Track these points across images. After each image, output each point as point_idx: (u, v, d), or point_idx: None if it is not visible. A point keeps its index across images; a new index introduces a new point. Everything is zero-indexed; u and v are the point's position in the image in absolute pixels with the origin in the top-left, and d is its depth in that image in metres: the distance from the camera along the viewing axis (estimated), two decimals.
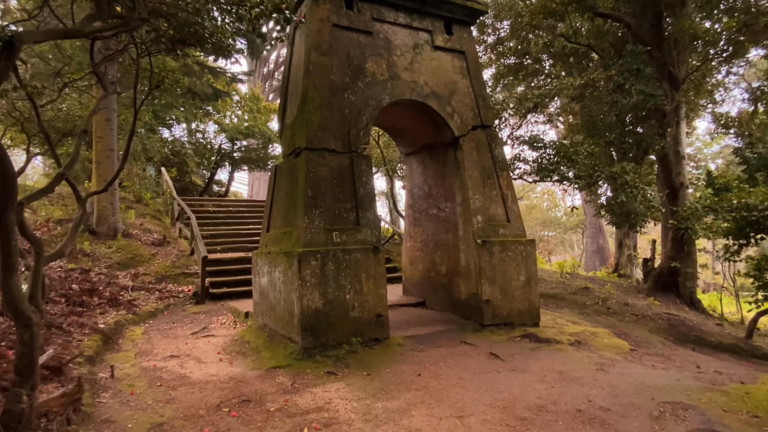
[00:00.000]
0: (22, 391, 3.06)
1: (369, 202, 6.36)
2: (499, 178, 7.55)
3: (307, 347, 5.54)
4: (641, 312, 10.54)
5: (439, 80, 7.42)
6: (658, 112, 12.22)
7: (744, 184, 11.52)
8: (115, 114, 10.61)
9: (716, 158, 32.35)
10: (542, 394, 4.55)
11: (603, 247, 31.42)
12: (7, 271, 3.14)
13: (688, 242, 12.86)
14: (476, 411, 4.17)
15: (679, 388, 4.81)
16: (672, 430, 3.80)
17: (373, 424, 3.92)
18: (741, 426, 3.91)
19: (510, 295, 7.13)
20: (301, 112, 6.39)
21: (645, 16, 12.52)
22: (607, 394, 4.53)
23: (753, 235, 10.06)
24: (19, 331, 3.10)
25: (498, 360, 5.73)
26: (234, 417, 3.99)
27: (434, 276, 8.08)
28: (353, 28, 6.80)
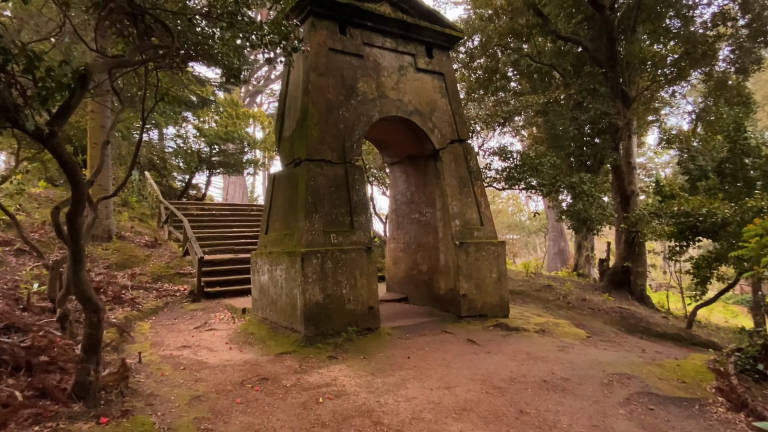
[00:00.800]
0: (90, 366, 3.61)
1: (362, 208, 7.06)
2: (474, 187, 8.39)
3: (310, 336, 6.17)
4: (597, 306, 11.62)
5: (422, 99, 8.21)
6: (612, 127, 13.43)
7: (686, 193, 12.83)
8: (110, 120, 10.88)
9: (666, 167, 34.63)
10: (514, 370, 5.35)
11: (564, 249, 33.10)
12: (77, 266, 3.68)
13: (638, 244, 14.13)
14: (460, 383, 4.92)
15: (625, 363, 5.71)
16: (618, 393, 4.66)
17: (375, 394, 4.61)
18: (671, 389, 4.81)
19: (484, 290, 7.96)
20: (301, 127, 7.04)
21: (601, 40, 13.75)
22: (567, 369, 5.38)
23: (691, 237, 11.32)
24: (88, 315, 3.64)
25: (475, 345, 6.52)
26: (257, 391, 4.60)
27: (416, 274, 8.84)
28: (346, 51, 7.50)
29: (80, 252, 3.71)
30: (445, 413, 4.14)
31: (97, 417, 3.35)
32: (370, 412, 4.16)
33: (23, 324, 4.74)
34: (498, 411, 4.19)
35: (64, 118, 3.54)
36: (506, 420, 4.00)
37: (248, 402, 4.29)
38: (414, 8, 8.29)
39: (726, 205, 9.83)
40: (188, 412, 3.92)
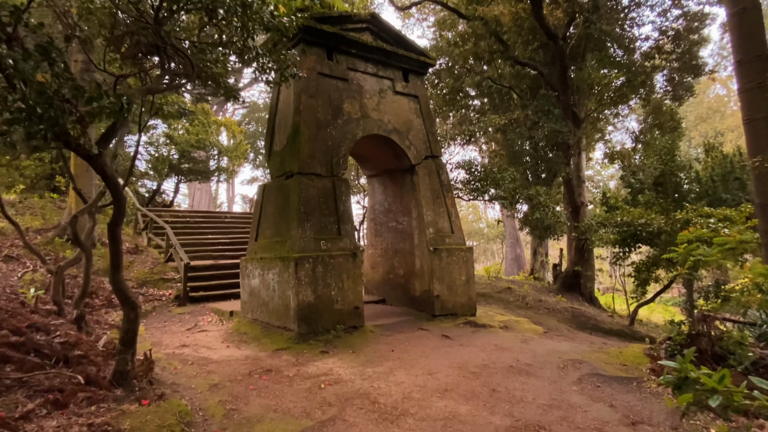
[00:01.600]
0: (127, 357, 4.06)
1: (348, 217, 7.68)
2: (445, 198, 9.19)
3: (302, 333, 6.71)
4: (551, 306, 12.69)
5: (399, 119, 8.95)
6: (564, 145, 14.69)
7: (628, 205, 14.20)
8: (93, 130, 10.97)
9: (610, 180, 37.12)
10: (484, 358, 6.11)
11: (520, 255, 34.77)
12: (116, 269, 4.12)
13: (587, 251, 15.42)
14: (440, 370, 5.62)
15: (577, 352, 6.59)
16: (571, 374, 5.49)
17: (369, 381, 5.23)
18: (614, 370, 5.69)
19: (454, 291, 8.74)
20: (293, 143, 7.60)
21: (554, 66, 15.02)
22: (529, 356, 6.19)
23: (632, 244, 12.61)
24: (126, 312, 4.09)
25: (449, 339, 7.26)
26: (265, 380, 5.12)
27: (393, 277, 9.52)
28: (333, 75, 8.14)
29: (119, 256, 4.16)
30: (430, 393, 4.82)
31: (138, 400, 3.81)
32: (367, 394, 4.78)
33: (42, 324, 5.06)
34: (474, 390, 4.91)
35: (109, 139, 4.00)
36: (482, 397, 4.73)
37: (260, 388, 4.82)
38: (392, 37, 9.05)
39: (660, 217, 11.09)
40: (211, 396, 4.41)
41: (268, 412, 4.14)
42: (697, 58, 14.25)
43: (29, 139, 3.56)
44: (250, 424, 3.83)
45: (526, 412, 4.30)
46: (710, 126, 37.99)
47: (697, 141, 34.43)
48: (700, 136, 35.44)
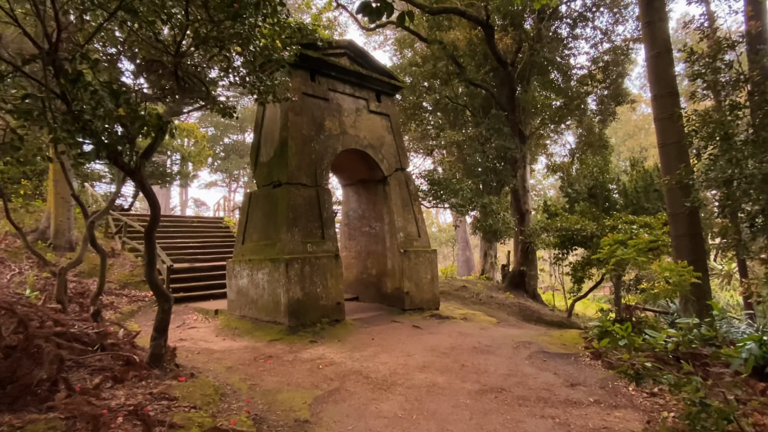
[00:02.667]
0: (161, 342, 4.64)
1: (330, 222, 8.43)
2: (413, 206, 10.14)
3: (292, 326, 7.39)
4: (501, 302, 13.97)
5: (374, 135, 9.82)
6: (511, 159, 16.14)
7: (566, 212, 15.84)
8: None
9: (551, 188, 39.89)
10: (451, 342, 7.07)
11: (470, 258, 36.58)
12: (151, 266, 4.68)
13: (531, 252, 16.95)
14: (416, 352, 6.51)
15: (526, 335, 7.70)
16: (523, 352, 6.55)
17: (358, 362, 6.02)
18: (557, 349, 6.81)
19: (421, 288, 9.69)
20: (281, 156, 8.26)
21: (503, 88, 16.47)
22: (488, 340, 7.22)
23: (570, 247, 14.16)
24: (161, 303, 4.65)
25: (419, 329, 8.17)
26: (270, 363, 5.79)
27: (366, 277, 10.33)
28: (316, 95, 8.89)
29: (154, 256, 4.72)
30: (411, 369, 5.68)
31: (175, 377, 4.41)
32: (359, 371, 5.58)
33: (63, 320, 5.47)
34: (447, 366, 5.83)
35: (149, 156, 4.58)
36: (454, 370, 5.65)
37: (269, 369, 5.49)
38: (367, 62, 9.92)
39: (592, 223, 12.62)
40: (231, 375, 5.05)
41: (282, 386, 4.85)
42: (622, 88, 16.19)
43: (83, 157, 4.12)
44: (272, 394, 4.53)
45: (490, 380, 5.27)
46: (636, 142, 41.72)
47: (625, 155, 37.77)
48: (628, 151, 38.89)
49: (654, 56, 9.84)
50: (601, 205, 15.33)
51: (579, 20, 16.17)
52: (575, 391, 4.90)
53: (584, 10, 15.95)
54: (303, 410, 4.16)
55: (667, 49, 9.97)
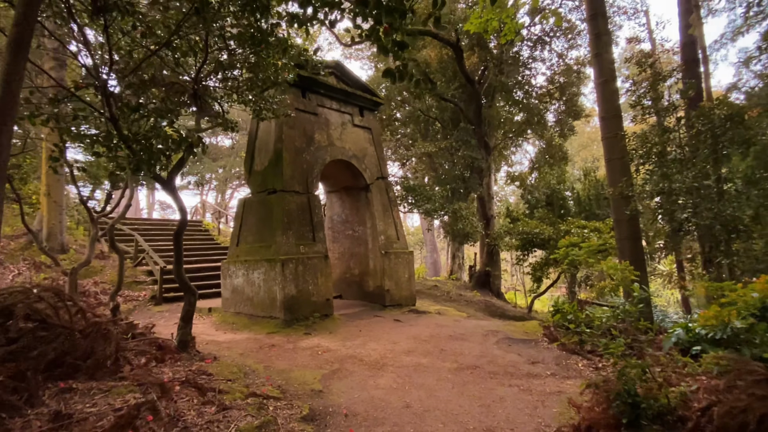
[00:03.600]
0: (187, 330, 5.24)
1: (320, 226, 9.13)
2: (393, 211, 10.97)
3: (287, 320, 8.04)
4: (469, 299, 14.99)
5: (357, 146, 10.59)
6: (478, 168, 17.27)
7: (527, 218, 17.10)
8: None
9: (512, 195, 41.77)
10: (430, 332, 7.92)
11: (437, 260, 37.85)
12: (179, 264, 5.28)
13: (496, 254, 18.13)
14: (400, 340, 7.31)
15: (493, 326, 8.66)
16: (491, 339, 7.47)
17: (351, 349, 6.76)
18: (520, 335, 7.77)
19: (400, 286, 10.51)
20: (275, 165, 8.90)
21: (471, 103, 17.60)
22: (461, 330, 8.11)
23: (530, 249, 15.36)
24: (187, 297, 5.25)
25: (400, 322, 8.98)
26: (274, 351, 6.44)
27: (349, 276, 11.06)
28: (307, 110, 9.58)
29: (180, 255, 5.31)
30: (399, 353, 6.48)
31: (201, 360, 5.02)
32: (354, 356, 6.32)
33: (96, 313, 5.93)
34: (428, 350, 6.66)
35: (180, 169, 5.19)
36: (435, 353, 6.49)
37: (275, 355, 6.15)
38: (351, 81, 10.69)
39: (550, 227, 13.84)
40: (245, 359, 5.68)
41: (292, 367, 5.54)
42: (577, 105, 17.67)
43: (120, 170, 4.71)
44: (285, 373, 5.22)
45: (465, 360, 6.14)
46: (589, 153, 44.27)
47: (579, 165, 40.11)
48: (582, 161, 41.28)
49: (601, 83, 11.10)
50: (557, 211, 16.68)
51: (538, 43, 17.53)
52: (535, 367, 5.84)
53: (542, 35, 17.31)
54: (315, 384, 4.88)
55: (613, 77, 11.25)
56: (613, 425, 3.58)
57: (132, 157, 4.51)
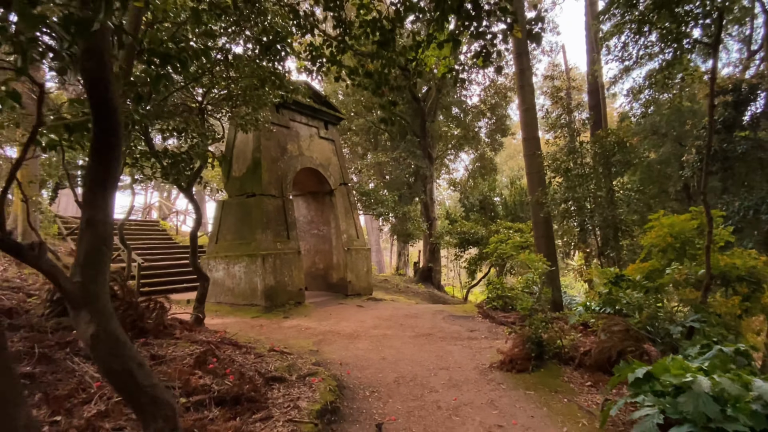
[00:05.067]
0: (200, 311, 6.22)
1: (293, 226, 10.21)
2: (353, 213, 12.26)
3: (268, 306, 9.07)
4: (415, 291, 16.63)
5: (323, 156, 11.77)
6: (422, 176, 19.02)
7: (464, 219, 19.10)
8: None
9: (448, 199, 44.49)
10: (389, 313, 9.32)
11: (381, 260, 39.39)
12: (194, 254, 6.23)
13: (437, 252, 19.98)
14: (366, 320, 8.63)
15: (439, 308, 10.24)
16: (439, 317, 9.01)
17: (327, 326, 7.98)
18: (460, 314, 9.39)
19: (360, 278, 11.83)
20: (254, 172, 9.86)
21: (417, 118, 19.32)
22: (414, 311, 9.60)
23: (466, 246, 17.31)
24: (201, 282, 6.20)
25: (362, 307, 10.30)
26: (264, 329, 7.50)
27: (314, 270, 12.18)
28: (280, 124, 10.62)
29: (196, 249, 6.26)
30: (367, 328, 7.80)
31: (215, 332, 6.04)
32: (331, 331, 7.56)
33: None
34: (390, 325, 8.06)
35: (196, 178, 6.16)
36: (396, 327, 7.89)
37: (267, 332, 7.22)
38: (318, 98, 11.85)
39: (483, 228, 15.82)
40: (244, 335, 6.68)
41: (287, 338, 6.68)
42: (505, 124, 20.04)
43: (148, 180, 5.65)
44: (284, 341, 6.35)
45: (421, 330, 7.60)
46: (516, 162, 48.21)
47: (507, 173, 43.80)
48: (509, 170, 45.04)
49: (524, 110, 13.17)
50: (488, 214, 18.84)
51: (473, 67, 19.66)
52: (473, 334, 7.44)
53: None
54: (311, 347, 6.08)
55: (533, 105, 13.37)
56: (526, 358, 5.18)
57: (162, 168, 5.47)
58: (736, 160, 10.42)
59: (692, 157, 10.59)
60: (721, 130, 10.46)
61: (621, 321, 5.87)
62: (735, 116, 10.49)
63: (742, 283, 6.36)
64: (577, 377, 5.02)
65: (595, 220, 10.08)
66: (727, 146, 10.09)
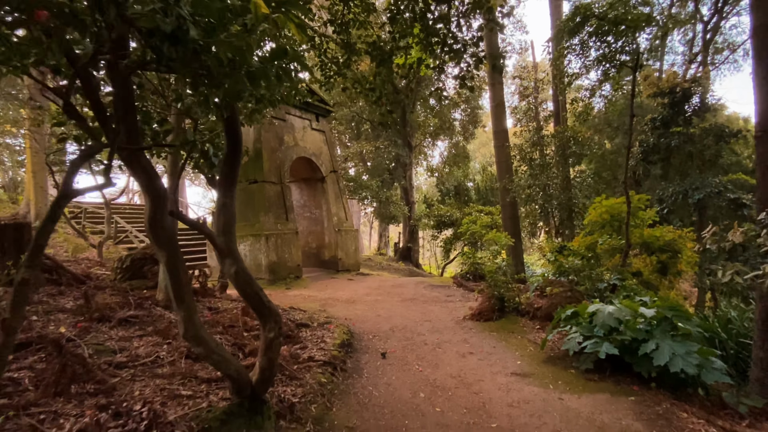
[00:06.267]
0: (225, 281, 7.24)
1: (291, 209, 11.20)
2: (343, 198, 13.30)
3: (271, 279, 10.11)
4: (396, 268, 17.91)
5: (315, 146, 12.71)
6: (402, 163, 20.13)
7: (440, 203, 20.40)
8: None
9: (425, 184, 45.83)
10: (378, 284, 10.52)
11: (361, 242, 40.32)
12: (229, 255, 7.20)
13: (416, 233, 21.27)
14: (359, 290, 9.81)
15: (420, 280, 11.51)
16: (420, 286, 10.28)
17: (327, 295, 9.10)
18: (439, 283, 10.69)
19: (349, 256, 12.96)
20: (255, 162, 10.75)
21: (398, 110, 20.30)
22: (399, 282, 10.84)
23: (442, 228, 18.64)
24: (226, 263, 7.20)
25: (353, 280, 11.47)
26: (272, 297, 8.53)
27: (307, 249, 13.23)
28: (278, 117, 11.48)
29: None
30: (361, 295, 8.98)
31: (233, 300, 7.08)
32: (331, 298, 8.70)
33: None
34: (380, 293, 9.26)
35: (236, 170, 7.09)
36: (385, 294, 9.10)
37: (276, 299, 8.29)
38: (311, 92, 12.72)
39: (457, 211, 17.14)
40: None
41: (295, 302, 7.77)
42: (477, 116, 21.28)
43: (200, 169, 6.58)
44: (295, 304, 7.45)
45: (406, 296, 8.84)
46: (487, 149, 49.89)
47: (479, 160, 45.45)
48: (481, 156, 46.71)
49: (495, 106, 14.39)
50: (462, 198, 20.20)
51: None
52: (449, 298, 8.73)
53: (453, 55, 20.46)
54: (318, 308, 7.22)
55: (502, 102, 14.60)
56: (491, 311, 6.48)
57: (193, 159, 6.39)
58: (672, 152, 11.97)
59: (636, 150, 12.09)
60: (660, 126, 11.97)
61: (565, 283, 7.26)
62: (672, 114, 12.00)
63: (663, 252, 7.85)
64: (530, 324, 6.36)
65: (553, 203, 11.48)
66: (664, 140, 11.61)
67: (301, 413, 3.20)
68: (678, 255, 7.81)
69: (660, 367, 3.81)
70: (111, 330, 3.77)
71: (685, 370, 3.68)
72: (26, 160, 11.71)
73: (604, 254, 7.98)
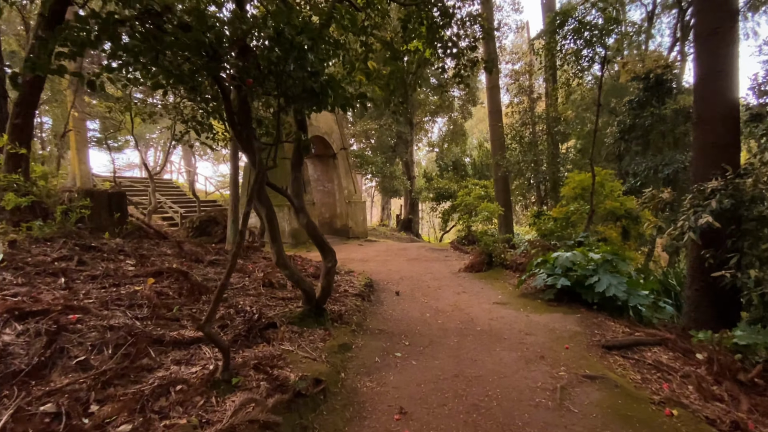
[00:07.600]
0: (261, 242, 8.57)
1: (308, 182, 12.42)
2: (352, 173, 14.50)
3: (294, 243, 11.46)
4: (398, 237, 19.26)
5: (327, 126, 13.80)
6: (404, 140, 21.19)
7: (439, 177, 21.59)
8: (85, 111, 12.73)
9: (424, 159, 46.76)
10: (385, 248, 11.89)
11: None
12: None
13: (416, 205, 22.57)
14: (369, 252, 11.16)
15: (421, 244, 12.89)
16: (423, 249, 11.65)
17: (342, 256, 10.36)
18: (438, 247, 12.07)
19: (358, 225, 14.28)
20: None
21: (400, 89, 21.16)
22: (403, 246, 12.21)
23: (441, 200, 19.92)
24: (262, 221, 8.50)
25: (362, 246, 12.82)
26: (296, 257, 9.93)
27: (321, 219, 14.54)
28: None
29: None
30: (372, 256, 10.34)
31: None
32: (347, 258, 10.04)
33: None
34: (388, 254, 10.62)
35: None
36: (393, 255, 10.46)
37: (299, 258, 9.67)
38: None
39: (455, 184, 18.38)
40: None
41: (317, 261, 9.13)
42: (475, 95, 22.17)
43: None
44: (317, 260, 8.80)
45: (411, 257, 10.20)
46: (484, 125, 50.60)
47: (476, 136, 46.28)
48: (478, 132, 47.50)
49: (490, 88, 15.43)
50: (460, 173, 21.39)
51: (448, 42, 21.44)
52: (447, 258, 10.10)
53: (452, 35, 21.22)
54: (338, 264, 8.58)
55: (497, 85, 15.64)
56: (481, 264, 7.84)
57: None
58: (647, 131, 13.13)
59: (614, 129, 13.22)
60: (636, 107, 13.07)
61: (542, 241, 8.61)
62: (648, 97, 13.08)
63: (625, 219, 9.17)
64: (512, 274, 7.74)
65: (540, 177, 12.69)
66: (639, 121, 12.73)
67: (346, 320, 4.57)
68: (638, 220, 9.13)
69: (600, 295, 5.18)
70: (205, 268, 5.10)
71: (617, 295, 5.05)
72: (69, 140, 12.84)
73: (578, 220, 9.31)
